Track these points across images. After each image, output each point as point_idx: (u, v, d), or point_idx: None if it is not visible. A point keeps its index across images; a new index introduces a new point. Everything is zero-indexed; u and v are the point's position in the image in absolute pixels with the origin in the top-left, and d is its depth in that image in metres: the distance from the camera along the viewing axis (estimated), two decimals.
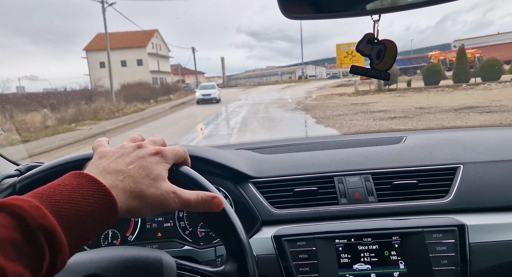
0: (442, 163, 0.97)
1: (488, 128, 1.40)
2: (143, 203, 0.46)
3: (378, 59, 0.68)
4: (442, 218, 0.86)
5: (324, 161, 1.05)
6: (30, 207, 0.36)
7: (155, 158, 0.50)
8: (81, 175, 0.43)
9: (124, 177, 0.46)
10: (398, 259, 0.83)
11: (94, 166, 0.48)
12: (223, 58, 62.05)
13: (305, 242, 0.84)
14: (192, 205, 0.50)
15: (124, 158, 0.49)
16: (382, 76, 0.69)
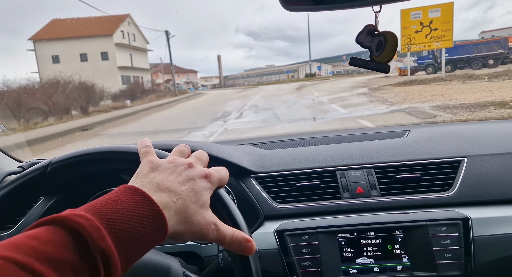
0: (446, 156, 0.97)
1: (493, 122, 1.38)
2: (187, 229, 0.46)
3: (378, 51, 0.67)
4: (446, 211, 0.86)
5: (326, 155, 1.04)
6: (90, 227, 0.35)
7: (204, 183, 0.49)
8: (137, 191, 0.43)
9: (177, 198, 0.45)
10: (402, 252, 0.82)
11: (148, 180, 0.47)
12: (220, 56, 59.12)
13: (307, 237, 0.84)
14: (226, 242, 0.49)
15: (176, 176, 0.48)
16: (381, 68, 0.68)
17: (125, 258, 0.38)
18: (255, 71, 65.89)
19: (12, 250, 0.31)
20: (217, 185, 0.52)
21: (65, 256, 0.33)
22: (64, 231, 0.35)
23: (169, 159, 0.52)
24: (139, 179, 0.48)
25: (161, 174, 0.48)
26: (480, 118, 5.61)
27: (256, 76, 60.72)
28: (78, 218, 0.35)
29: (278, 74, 57.10)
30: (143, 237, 0.40)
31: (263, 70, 63.92)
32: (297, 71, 56.22)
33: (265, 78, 58.17)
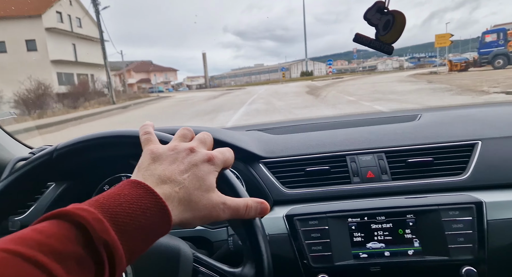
0: (459, 140, 0.94)
1: (507, 104, 1.35)
2: (195, 215, 0.46)
3: (384, 30, 0.65)
4: (459, 195, 0.84)
5: (335, 140, 1.03)
6: (93, 219, 0.36)
7: (207, 166, 0.49)
8: (139, 184, 0.43)
9: (180, 188, 0.45)
10: (413, 237, 0.81)
11: (149, 172, 0.47)
12: (205, 54, 54.78)
13: (317, 221, 0.84)
14: (241, 213, 0.49)
15: (178, 164, 0.48)
16: (385, 49, 0.65)
17: (130, 249, 0.38)
18: (242, 70, 61.25)
19: (17, 244, 0.32)
20: (222, 167, 0.52)
21: (69, 249, 0.33)
22: (68, 225, 0.35)
23: (170, 145, 0.51)
24: (141, 172, 0.48)
25: (162, 164, 0.48)
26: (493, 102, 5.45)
27: (244, 75, 56.70)
28: (82, 212, 0.36)
29: (267, 73, 52.51)
30: (147, 228, 0.40)
31: (251, 69, 59.76)
32: (289, 70, 52.68)
33: (254, 77, 54.19)
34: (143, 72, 39.52)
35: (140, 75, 39.05)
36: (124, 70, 35.06)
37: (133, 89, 36.09)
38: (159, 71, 44.15)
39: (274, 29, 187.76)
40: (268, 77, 51.99)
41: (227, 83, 56.29)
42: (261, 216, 0.52)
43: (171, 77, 45.28)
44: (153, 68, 41.11)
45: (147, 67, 39.30)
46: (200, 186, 0.47)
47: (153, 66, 40.45)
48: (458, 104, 5.60)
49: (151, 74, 40.44)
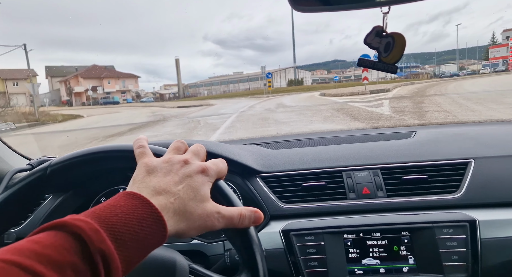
0: (453, 158, 0.96)
1: (501, 123, 1.37)
2: (190, 226, 0.46)
3: (386, 52, 0.67)
4: (453, 213, 0.85)
5: (332, 155, 1.04)
6: (90, 230, 0.36)
7: (201, 177, 0.50)
8: (135, 196, 0.43)
9: (175, 199, 0.46)
10: (408, 254, 0.82)
11: (144, 184, 0.47)
12: (178, 60, 50.30)
13: (313, 237, 0.84)
14: (236, 222, 0.50)
15: (172, 175, 0.49)
16: (390, 69, 0.68)
17: (126, 260, 0.38)
18: (220, 78, 54.49)
19: (14, 254, 0.32)
20: (216, 177, 0.53)
21: (66, 258, 0.34)
22: (65, 235, 0.36)
23: (164, 158, 0.52)
24: (136, 184, 0.48)
25: (156, 176, 0.48)
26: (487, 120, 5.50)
27: (221, 84, 51.11)
28: (78, 222, 0.36)
29: (247, 82, 46.63)
30: (143, 239, 0.40)
31: (229, 77, 53.41)
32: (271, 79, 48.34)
33: (232, 86, 48.48)
34: (95, 79, 31.27)
35: (90, 82, 30.98)
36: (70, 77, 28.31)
37: (81, 99, 29.09)
38: (115, 77, 34.81)
39: (254, 38, 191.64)
40: (247, 86, 45.98)
41: (202, 92, 50.39)
42: (255, 225, 0.52)
43: (130, 85, 35.38)
44: (108, 74, 32.33)
45: (99, 73, 30.52)
46: (195, 196, 0.47)
47: (108, 72, 31.67)
48: (453, 121, 5.63)
49: (104, 81, 32.96)
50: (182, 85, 48.89)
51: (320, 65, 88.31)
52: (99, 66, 30.78)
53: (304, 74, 49.26)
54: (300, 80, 46.88)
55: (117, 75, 34.86)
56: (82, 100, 28.38)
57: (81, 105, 26.08)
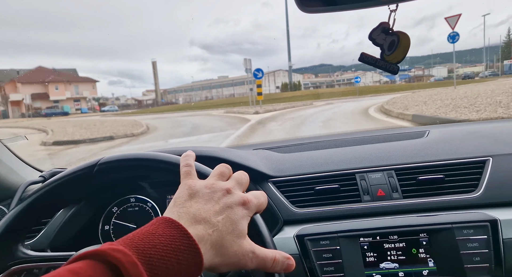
0: (470, 156, 0.93)
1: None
2: (224, 261, 0.45)
3: (389, 50, 0.66)
4: (472, 213, 0.83)
5: (344, 158, 1.02)
6: (128, 263, 0.36)
7: (242, 211, 0.49)
8: (173, 224, 0.43)
9: (213, 230, 0.45)
10: (427, 256, 0.80)
11: (185, 209, 0.47)
12: (155, 62, 45.83)
13: (328, 241, 0.83)
14: (268, 266, 0.49)
15: (213, 204, 0.48)
16: (391, 68, 0.66)
17: None
18: (201, 83, 47.53)
19: None
20: (255, 211, 0.52)
21: None
22: (103, 266, 0.36)
23: (208, 182, 0.51)
24: (177, 207, 0.48)
25: (198, 202, 0.48)
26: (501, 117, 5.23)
27: (203, 89, 44.90)
28: (117, 253, 0.36)
29: (231, 86, 41.13)
30: (178, 272, 0.40)
31: (212, 81, 46.90)
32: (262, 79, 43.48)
33: (215, 92, 43.13)
34: (38, 84, 24.44)
35: (31, 88, 24.33)
36: None
37: (20, 109, 22.43)
38: (64, 82, 26.94)
39: (241, 43, 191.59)
40: (232, 91, 40.35)
41: (183, 98, 45.33)
42: (286, 272, 0.51)
43: (86, 91, 27.76)
44: (55, 78, 24.22)
45: (43, 77, 22.96)
46: (233, 231, 0.46)
47: (55, 75, 23.54)
48: (466, 119, 5.50)
49: (51, 86, 25.19)
50: (160, 91, 43.53)
51: (307, 69, 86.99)
52: (45, 68, 23.58)
53: (296, 78, 43.91)
54: (298, 83, 39.63)
55: (68, 79, 26.42)
56: (21, 111, 22.14)
57: (21, 117, 21.00)
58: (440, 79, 35.27)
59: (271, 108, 14.90)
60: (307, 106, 15.89)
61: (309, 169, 0.99)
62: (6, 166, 0.99)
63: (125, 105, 38.34)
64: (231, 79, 42.46)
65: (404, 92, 18.29)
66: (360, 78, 31.87)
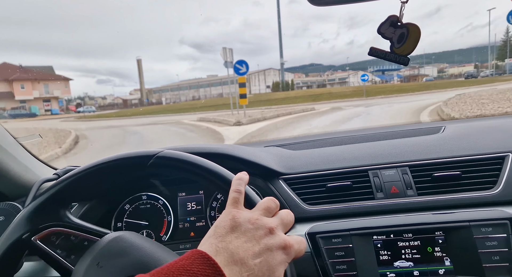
0: (488, 152, 0.90)
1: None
2: None
3: (399, 43, 0.65)
4: (491, 210, 0.80)
5: (357, 154, 1.00)
6: None
7: (281, 255, 0.48)
8: (209, 261, 0.43)
9: (248, 274, 0.44)
10: (443, 255, 0.77)
11: (224, 244, 0.46)
12: (140, 60, 44.16)
13: (341, 239, 0.81)
14: None
15: (254, 243, 0.47)
16: (401, 61, 0.65)
17: None
18: (189, 82, 44.80)
19: None
20: (293, 257, 0.50)
21: None
22: None
23: (252, 216, 0.50)
24: (216, 240, 0.47)
25: (238, 238, 0.47)
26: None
27: (190, 88, 42.80)
28: None
29: (220, 86, 38.47)
30: None
31: (200, 80, 44.33)
32: (248, 82, 37.52)
33: (203, 91, 41.32)
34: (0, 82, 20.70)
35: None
36: None
37: None
38: (31, 80, 22.11)
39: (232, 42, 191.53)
40: (221, 90, 37.85)
41: (168, 98, 42.63)
42: None
43: (57, 91, 24.25)
44: (21, 76, 20.00)
45: (6, 74, 19.08)
46: None
47: (21, 73, 19.39)
48: (483, 114, 5.31)
49: (15, 85, 21.52)
50: (146, 90, 41.85)
51: (298, 68, 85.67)
52: (10, 65, 19.29)
53: (288, 77, 41.54)
54: (290, 83, 36.33)
55: (36, 77, 22.46)
56: None
57: None
58: (431, 80, 33.99)
59: (259, 115, 10.79)
60: (308, 112, 12.24)
61: (320, 166, 0.98)
62: (21, 163, 1.00)
63: (112, 105, 37.02)
64: (220, 78, 38.62)
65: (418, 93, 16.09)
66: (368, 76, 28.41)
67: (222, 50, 10.44)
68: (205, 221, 1.02)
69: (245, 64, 9.58)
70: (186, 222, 1.03)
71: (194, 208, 1.04)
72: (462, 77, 28.85)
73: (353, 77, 44.57)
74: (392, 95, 17.06)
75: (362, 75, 29.91)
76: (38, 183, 0.95)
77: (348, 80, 44.35)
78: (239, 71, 9.87)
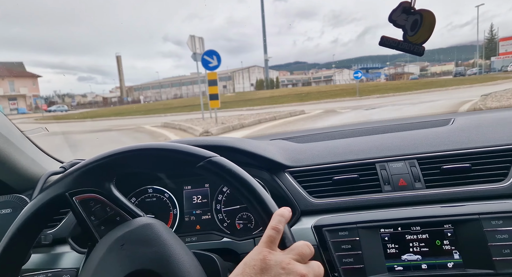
0: (499, 144, 0.88)
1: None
2: None
3: (412, 30, 0.62)
4: (502, 203, 0.78)
5: (364, 147, 0.99)
6: None
7: None
8: None
9: None
10: (452, 248, 0.76)
11: None
12: (119, 57, 41.88)
13: (347, 232, 0.80)
14: None
15: None
16: (416, 50, 0.62)
17: None
18: (171, 79, 42.51)
19: None
20: None
21: None
22: None
23: (284, 260, 0.49)
24: (244, 272, 0.46)
25: None
26: None
27: (172, 86, 40.74)
28: None
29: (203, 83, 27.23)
30: None
31: (182, 78, 41.55)
32: (232, 79, 37.35)
33: (186, 89, 39.00)
34: None
35: None
36: None
37: None
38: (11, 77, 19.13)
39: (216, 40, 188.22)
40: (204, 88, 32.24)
41: (149, 96, 40.53)
42: None
43: (23, 88, 22.44)
44: None
45: None
46: None
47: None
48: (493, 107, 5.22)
49: None
50: (126, 88, 39.55)
51: (283, 66, 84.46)
52: None
53: (273, 75, 40.01)
54: (275, 80, 33.75)
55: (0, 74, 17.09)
56: None
57: None
58: (416, 78, 33.35)
59: (235, 121, 8.59)
60: (297, 116, 10.05)
61: (327, 159, 0.96)
62: (28, 157, 1.01)
63: (91, 103, 34.99)
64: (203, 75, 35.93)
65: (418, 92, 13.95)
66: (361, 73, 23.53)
67: (189, 39, 8.13)
68: (211, 214, 1.02)
69: (216, 56, 7.55)
70: (192, 215, 1.03)
71: (200, 201, 1.04)
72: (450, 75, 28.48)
73: (338, 75, 43.93)
74: (388, 95, 15.02)
75: (355, 72, 26.11)
76: (45, 176, 0.95)
77: (334, 78, 43.45)
78: (208, 65, 7.61)
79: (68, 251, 0.89)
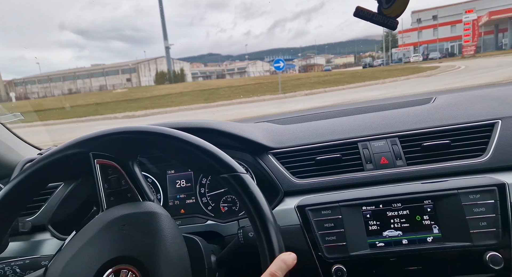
0: (478, 120, 0.90)
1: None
2: None
3: (388, 3, 0.61)
4: (479, 178, 0.80)
5: (346, 127, 0.99)
6: None
7: None
8: None
9: None
10: (432, 223, 0.78)
11: None
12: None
13: (330, 211, 0.81)
14: None
15: None
16: (389, 23, 0.61)
17: None
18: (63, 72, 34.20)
19: None
20: None
21: None
22: None
23: None
24: None
25: None
26: None
27: (64, 80, 32.77)
28: None
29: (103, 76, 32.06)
30: None
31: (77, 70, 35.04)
32: (136, 71, 32.18)
33: (82, 83, 33.21)
34: None
35: None
36: None
37: None
38: None
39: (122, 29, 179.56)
40: (104, 82, 31.84)
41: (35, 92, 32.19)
42: None
43: None
44: None
45: None
46: None
47: None
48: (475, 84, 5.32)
49: None
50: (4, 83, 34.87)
51: (196, 58, 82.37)
52: None
53: (182, 65, 36.84)
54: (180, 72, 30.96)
55: None
56: None
57: None
58: (329, 69, 33.52)
59: None
60: None
61: (309, 139, 0.96)
62: (3, 144, 0.98)
63: None
64: (103, 67, 31.51)
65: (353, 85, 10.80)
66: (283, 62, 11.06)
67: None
68: (195, 198, 1.01)
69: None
70: (176, 200, 1.02)
71: (184, 185, 1.03)
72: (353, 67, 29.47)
73: (252, 66, 43.21)
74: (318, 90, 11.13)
75: (276, 61, 20.79)
76: (22, 163, 0.92)
77: (248, 69, 42.46)
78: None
79: (48, 238, 0.88)
